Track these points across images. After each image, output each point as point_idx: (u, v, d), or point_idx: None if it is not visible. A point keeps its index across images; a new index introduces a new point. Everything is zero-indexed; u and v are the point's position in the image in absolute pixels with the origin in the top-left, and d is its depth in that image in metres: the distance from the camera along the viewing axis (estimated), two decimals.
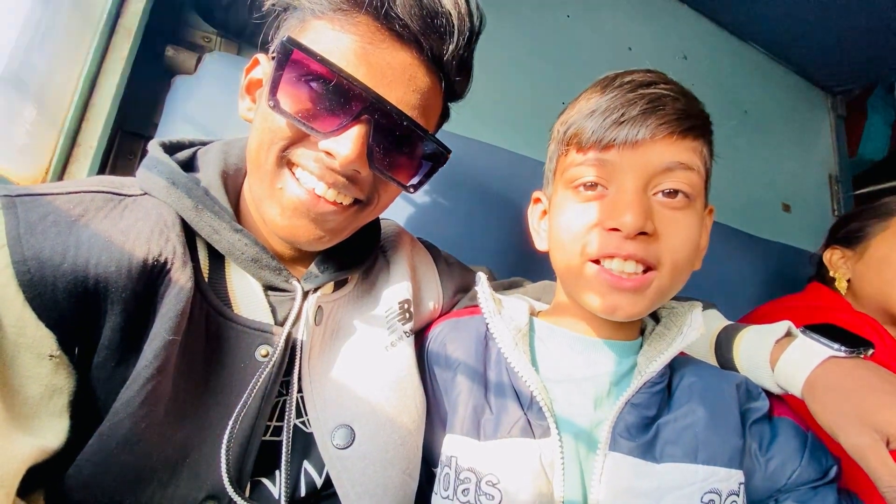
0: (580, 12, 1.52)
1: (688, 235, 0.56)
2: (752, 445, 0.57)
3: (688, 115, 0.56)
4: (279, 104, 0.49)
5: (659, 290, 0.56)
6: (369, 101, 0.50)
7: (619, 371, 0.61)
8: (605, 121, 0.55)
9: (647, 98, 0.55)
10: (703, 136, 0.58)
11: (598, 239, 0.55)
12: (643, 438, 0.56)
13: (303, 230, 0.54)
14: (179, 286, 0.47)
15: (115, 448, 0.42)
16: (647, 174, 0.55)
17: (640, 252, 0.53)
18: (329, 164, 0.51)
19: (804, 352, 0.58)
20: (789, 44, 1.89)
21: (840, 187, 2.06)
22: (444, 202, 1.10)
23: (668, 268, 0.55)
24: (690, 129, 0.56)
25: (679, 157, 0.55)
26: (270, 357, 0.52)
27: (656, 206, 0.55)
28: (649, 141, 0.54)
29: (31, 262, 0.42)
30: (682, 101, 0.56)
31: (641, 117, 0.54)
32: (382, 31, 0.51)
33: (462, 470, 0.56)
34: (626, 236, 0.53)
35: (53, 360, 0.43)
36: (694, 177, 0.55)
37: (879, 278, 0.99)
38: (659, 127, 0.54)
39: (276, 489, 0.52)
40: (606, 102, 0.57)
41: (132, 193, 0.53)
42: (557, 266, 0.62)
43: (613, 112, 0.55)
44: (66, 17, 0.78)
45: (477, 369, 0.63)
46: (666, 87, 0.57)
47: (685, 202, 0.56)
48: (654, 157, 0.54)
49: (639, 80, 0.57)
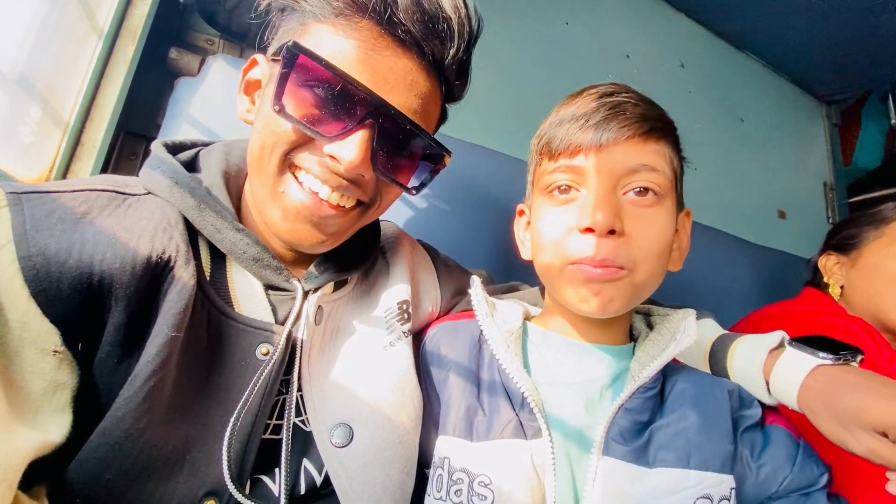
0: (579, 20, 1.54)
1: (659, 230, 0.58)
2: (744, 452, 0.58)
3: (647, 119, 0.59)
4: (284, 108, 0.50)
5: (632, 285, 0.57)
6: (373, 106, 0.50)
7: (610, 375, 0.62)
8: (571, 127, 0.59)
9: (609, 105, 0.58)
10: (664, 138, 0.60)
11: (575, 242, 0.57)
12: (636, 443, 0.56)
13: (305, 234, 0.55)
14: (182, 284, 0.48)
15: (116, 443, 0.43)
16: (614, 175, 0.57)
17: (611, 254, 0.55)
18: (333, 167, 0.52)
19: (792, 364, 0.59)
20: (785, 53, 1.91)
21: (835, 195, 2.08)
22: (444, 205, 1.10)
23: (639, 265, 0.57)
24: (651, 132, 0.58)
25: (643, 158, 0.57)
26: (271, 356, 0.53)
27: (626, 204, 0.57)
28: (612, 143, 0.57)
29: (37, 258, 0.42)
30: (641, 106, 0.60)
31: (604, 122, 0.57)
32: (384, 37, 0.51)
33: (455, 471, 0.56)
34: (598, 234, 0.55)
35: (57, 355, 0.43)
36: (659, 177, 0.58)
37: (870, 286, 0.99)
38: (620, 129, 0.57)
39: (275, 487, 0.52)
40: (573, 111, 0.60)
41: (136, 192, 0.53)
42: (540, 270, 0.64)
43: (579, 119, 0.59)
44: (72, 18, 0.79)
45: (470, 371, 0.64)
46: (627, 95, 0.60)
47: (654, 199, 0.58)
48: (619, 159, 0.57)
49: (602, 90, 0.61)
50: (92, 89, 0.82)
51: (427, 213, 1.09)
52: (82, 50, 0.81)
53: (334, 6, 0.50)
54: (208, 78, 0.96)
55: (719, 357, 0.69)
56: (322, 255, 0.63)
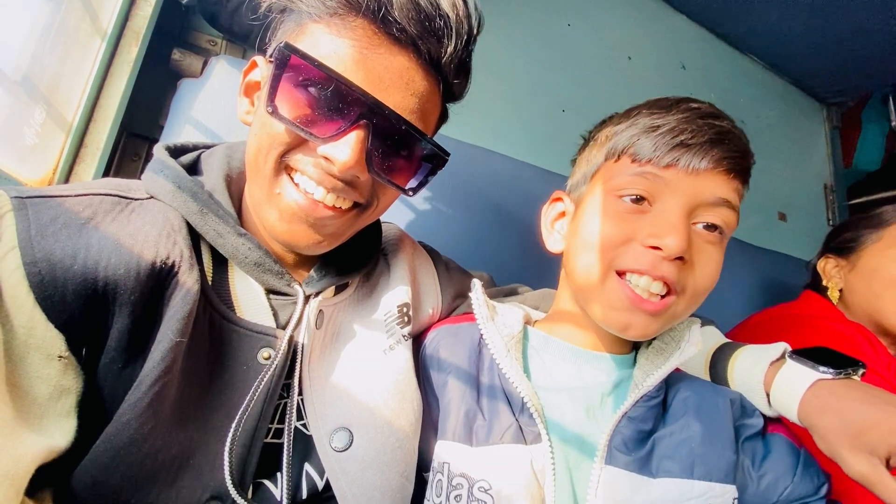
0: (581, 21, 1.54)
1: (715, 269, 0.57)
2: (745, 461, 0.58)
3: (745, 155, 0.57)
4: (277, 110, 0.49)
5: (673, 316, 0.57)
6: (367, 106, 0.50)
7: (611, 382, 0.62)
8: (671, 139, 0.56)
9: (716, 129, 0.56)
10: (746, 180, 0.59)
11: (634, 253, 0.55)
12: (639, 453, 0.56)
13: (301, 235, 0.55)
14: (186, 289, 0.48)
15: (121, 448, 0.43)
16: (695, 202, 0.55)
17: (672, 276, 0.54)
18: (328, 169, 0.51)
19: (792, 377, 0.58)
20: (786, 55, 1.91)
21: (835, 197, 2.08)
22: (445, 207, 1.11)
23: (688, 296, 0.56)
24: (743, 171, 0.57)
25: (727, 194, 0.56)
26: (272, 360, 0.53)
27: (694, 235, 0.56)
28: (707, 171, 0.55)
29: (42, 263, 0.42)
30: (743, 140, 0.58)
31: (708, 146, 0.55)
32: (379, 35, 0.50)
33: (454, 476, 0.56)
34: (665, 257, 0.53)
35: (62, 360, 0.43)
36: (732, 217, 0.57)
37: (869, 289, 1.00)
38: (721, 160, 0.55)
39: (277, 491, 0.52)
40: (673, 122, 0.57)
41: (139, 197, 0.53)
42: (576, 270, 0.61)
43: (681, 134, 0.56)
44: (76, 20, 0.79)
45: (470, 375, 0.64)
46: (728, 122, 0.58)
47: (719, 238, 0.57)
48: (707, 188, 0.55)
49: (704, 109, 0.58)
50: (95, 90, 0.82)
51: (428, 215, 1.09)
52: (85, 51, 0.81)
53: (328, 5, 0.50)
54: (211, 79, 0.97)
55: (720, 367, 0.69)
56: (323, 258, 0.63)
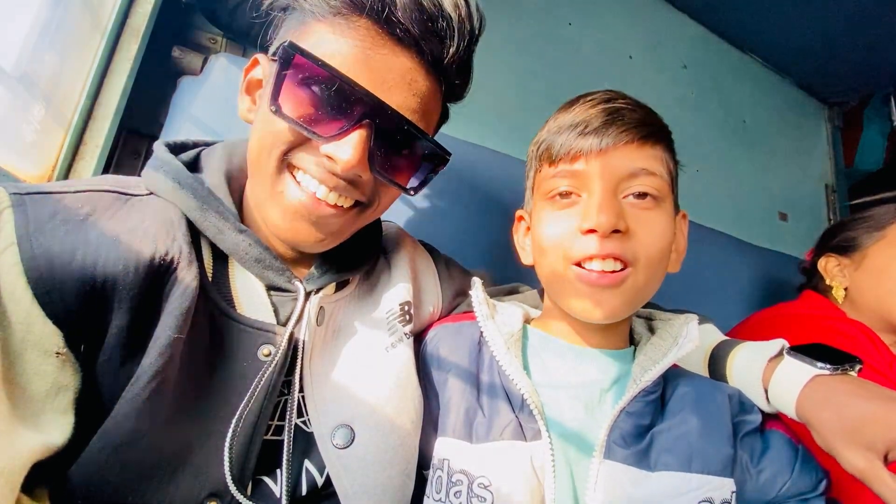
0: (582, 21, 1.54)
1: (659, 232, 0.59)
2: (744, 457, 0.58)
3: (644, 123, 0.60)
4: (281, 109, 0.50)
5: (635, 288, 0.58)
6: (370, 106, 0.50)
7: (610, 379, 0.62)
8: (571, 134, 0.60)
9: (608, 110, 0.60)
10: (661, 142, 0.62)
11: (578, 242, 0.58)
12: (638, 447, 0.57)
13: (304, 233, 0.55)
14: (185, 285, 0.48)
15: (119, 445, 0.43)
16: (614, 179, 0.58)
17: (618, 249, 0.56)
18: (331, 167, 0.52)
19: (790, 373, 0.59)
20: (788, 55, 1.91)
21: (836, 197, 2.08)
22: (447, 206, 1.10)
23: (642, 263, 0.58)
24: (649, 136, 0.60)
25: (642, 163, 0.59)
26: (273, 357, 0.53)
27: (627, 207, 0.59)
28: (612, 148, 0.58)
29: (41, 259, 0.42)
30: (638, 111, 0.61)
31: (603, 127, 0.59)
32: (382, 36, 0.51)
33: (454, 472, 0.57)
34: (601, 235, 0.56)
35: (60, 357, 0.43)
36: (658, 181, 0.59)
37: (879, 287, 0.99)
38: (620, 134, 0.58)
39: (277, 488, 0.52)
40: (571, 118, 0.61)
41: (138, 193, 0.53)
42: (543, 274, 0.65)
43: (578, 126, 0.60)
44: (76, 17, 0.79)
45: (470, 373, 0.64)
46: (624, 101, 0.62)
47: (653, 203, 0.59)
48: (619, 163, 0.58)
49: (599, 97, 0.62)
50: (95, 88, 0.82)
51: (429, 214, 1.09)
52: (85, 48, 0.81)
53: (332, 5, 0.50)
54: (211, 77, 0.96)
55: (719, 364, 0.69)
56: (323, 255, 0.63)
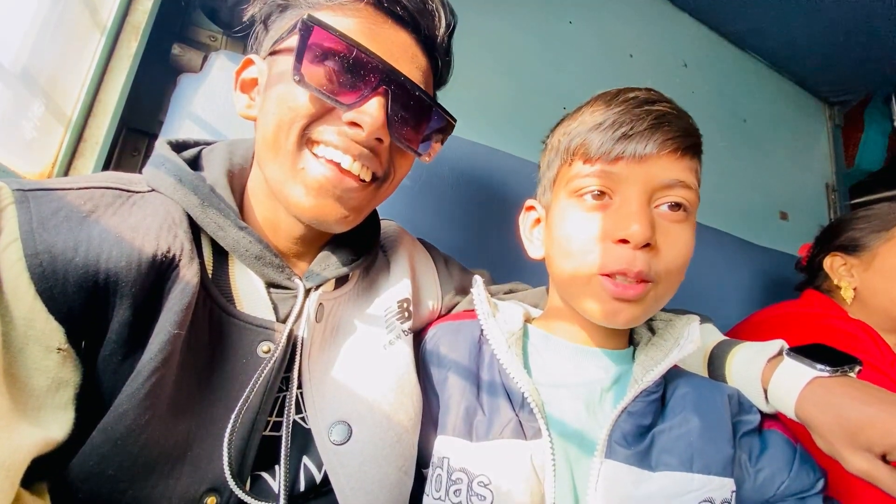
0: (582, 19, 1.53)
1: (683, 247, 0.58)
2: (742, 457, 0.58)
3: (689, 134, 0.58)
4: (304, 78, 0.51)
5: (655, 299, 0.58)
6: (386, 73, 0.53)
7: (610, 378, 0.62)
8: (613, 133, 0.57)
9: (654, 114, 0.57)
10: (698, 155, 0.61)
11: (608, 253, 0.56)
12: (639, 447, 0.57)
13: (329, 209, 0.55)
14: (186, 281, 0.48)
15: (118, 440, 0.43)
16: (650, 188, 0.57)
17: (645, 267, 0.55)
18: (354, 135, 0.53)
19: (790, 375, 0.59)
20: (788, 54, 1.91)
21: (837, 196, 2.08)
22: (446, 205, 1.10)
23: (664, 278, 0.57)
24: (690, 148, 0.58)
25: (679, 174, 0.57)
26: (272, 353, 0.53)
27: (658, 218, 0.57)
28: (654, 156, 0.56)
29: (44, 255, 0.42)
30: (684, 119, 0.59)
31: (649, 132, 0.56)
32: (383, 15, 0.55)
33: (454, 471, 0.57)
34: (633, 247, 0.54)
35: (61, 353, 0.43)
36: (691, 194, 0.58)
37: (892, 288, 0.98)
38: (664, 143, 0.56)
39: (275, 484, 0.52)
40: (614, 116, 0.58)
41: (140, 190, 0.53)
42: (559, 273, 0.62)
43: (622, 126, 0.57)
44: (76, 13, 0.79)
45: (470, 371, 0.64)
46: (668, 105, 0.59)
47: (684, 216, 0.58)
48: (659, 172, 0.57)
49: (642, 97, 0.60)
50: (95, 85, 0.82)
51: (428, 212, 1.09)
52: (85, 45, 0.81)
53: None
54: (211, 74, 0.96)
55: (718, 363, 0.69)
56: (323, 252, 0.63)
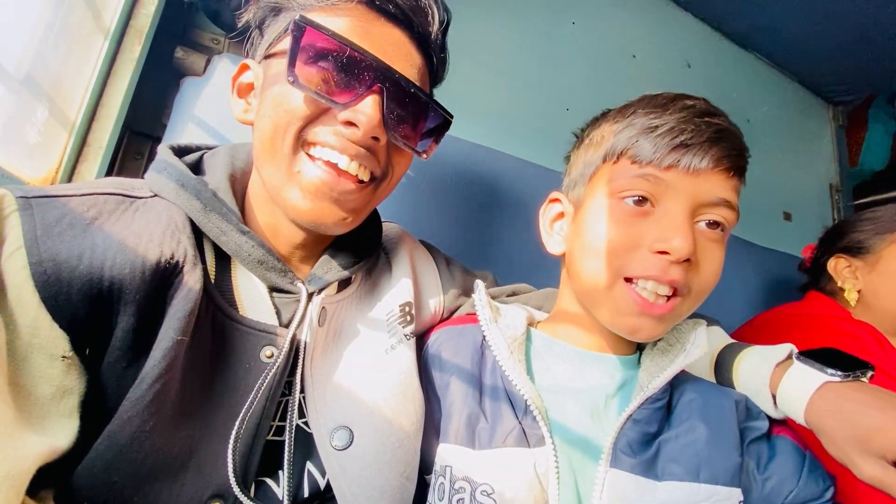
0: (585, 20, 1.53)
1: (718, 266, 0.57)
2: (750, 464, 0.57)
3: (743, 153, 0.57)
4: (299, 79, 0.51)
5: (679, 314, 0.57)
6: (380, 71, 0.52)
7: (615, 384, 0.61)
8: (671, 140, 0.55)
9: (714, 128, 0.55)
10: (744, 177, 0.59)
11: (642, 260, 0.55)
12: (644, 455, 0.56)
13: (327, 212, 0.55)
14: (189, 287, 0.48)
15: (123, 446, 0.43)
16: (697, 202, 0.55)
17: (681, 279, 0.53)
18: (351, 135, 0.53)
19: (800, 379, 0.58)
20: (792, 54, 1.90)
21: (841, 197, 2.07)
22: (448, 207, 1.10)
23: (693, 295, 0.56)
24: (741, 168, 0.57)
25: (727, 194, 0.56)
26: (275, 358, 0.53)
27: (697, 234, 0.56)
28: (708, 171, 0.55)
29: (48, 263, 0.42)
30: (739, 138, 0.58)
31: (707, 145, 0.54)
32: (376, 14, 0.55)
33: (457, 479, 0.56)
34: (674, 261, 0.53)
35: (66, 360, 0.43)
36: (732, 216, 0.57)
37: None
38: (720, 159, 0.55)
39: (279, 489, 0.52)
40: (672, 122, 0.56)
41: (143, 195, 0.53)
42: (581, 275, 0.60)
43: (680, 134, 0.55)
44: (79, 18, 0.79)
45: (473, 377, 0.63)
46: (725, 120, 0.58)
47: (721, 235, 0.57)
48: (709, 188, 0.55)
49: (702, 107, 0.58)
50: (98, 89, 0.82)
51: (431, 214, 1.09)
52: (88, 49, 0.81)
53: None
54: (214, 77, 0.96)
55: (725, 368, 0.68)
56: (325, 256, 0.63)
